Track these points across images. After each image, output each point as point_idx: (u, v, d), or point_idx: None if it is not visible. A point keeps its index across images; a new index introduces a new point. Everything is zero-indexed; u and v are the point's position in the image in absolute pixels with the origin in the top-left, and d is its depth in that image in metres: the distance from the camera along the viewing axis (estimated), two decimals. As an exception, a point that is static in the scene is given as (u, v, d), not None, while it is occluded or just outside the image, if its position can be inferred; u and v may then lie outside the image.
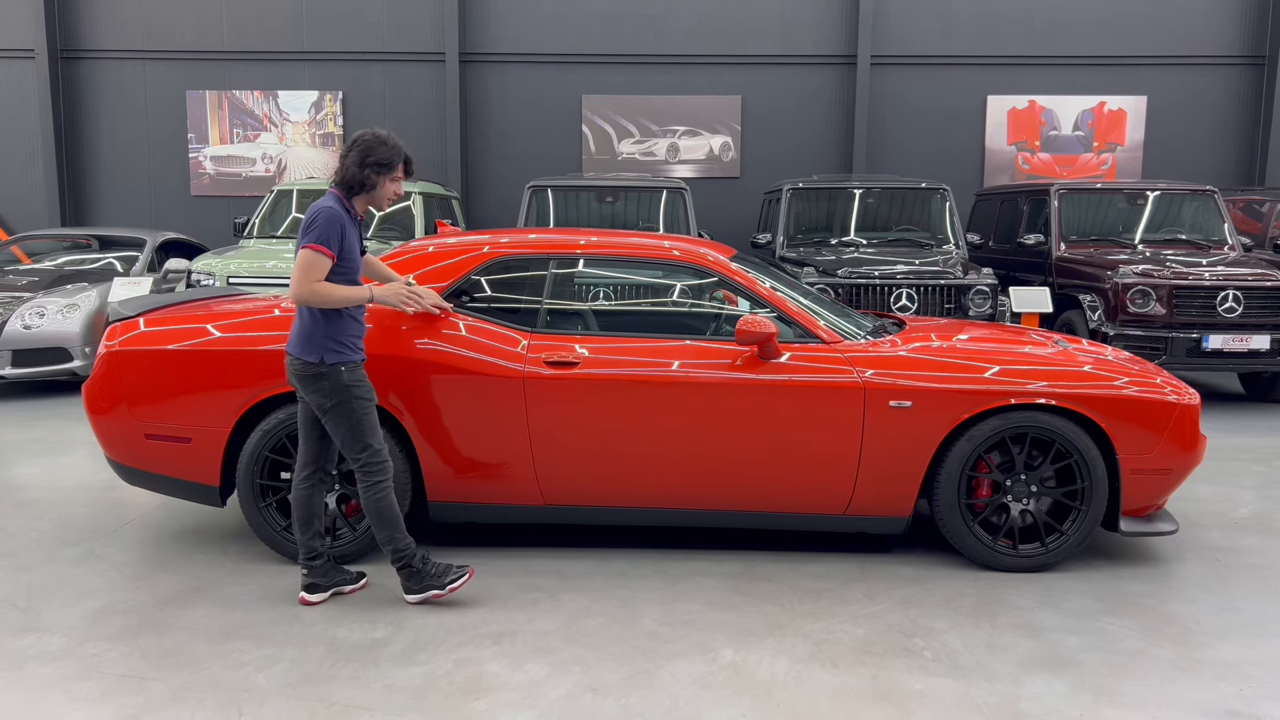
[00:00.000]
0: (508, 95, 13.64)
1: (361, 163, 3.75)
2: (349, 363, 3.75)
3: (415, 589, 3.89)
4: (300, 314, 3.77)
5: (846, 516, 4.39)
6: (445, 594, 3.86)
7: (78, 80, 13.65)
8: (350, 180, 3.77)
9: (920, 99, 13.55)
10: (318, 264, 3.65)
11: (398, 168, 3.83)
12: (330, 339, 3.73)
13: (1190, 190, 9.44)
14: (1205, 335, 7.86)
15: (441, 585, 3.86)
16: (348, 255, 3.75)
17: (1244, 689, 3.28)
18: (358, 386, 3.76)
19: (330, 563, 4.01)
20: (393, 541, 3.85)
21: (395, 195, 3.88)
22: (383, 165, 3.78)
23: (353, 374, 3.76)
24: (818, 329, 4.39)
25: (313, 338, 3.73)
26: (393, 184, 3.84)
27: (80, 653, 3.47)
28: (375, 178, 3.77)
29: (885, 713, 3.10)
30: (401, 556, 3.86)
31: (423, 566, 3.88)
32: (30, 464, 6.14)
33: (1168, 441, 4.28)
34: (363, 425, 3.77)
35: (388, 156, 3.78)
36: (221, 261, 8.59)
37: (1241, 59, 13.40)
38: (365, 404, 3.77)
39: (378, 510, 3.82)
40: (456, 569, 3.89)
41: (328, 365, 3.72)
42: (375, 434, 3.80)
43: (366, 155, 3.75)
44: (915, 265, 8.17)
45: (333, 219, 3.69)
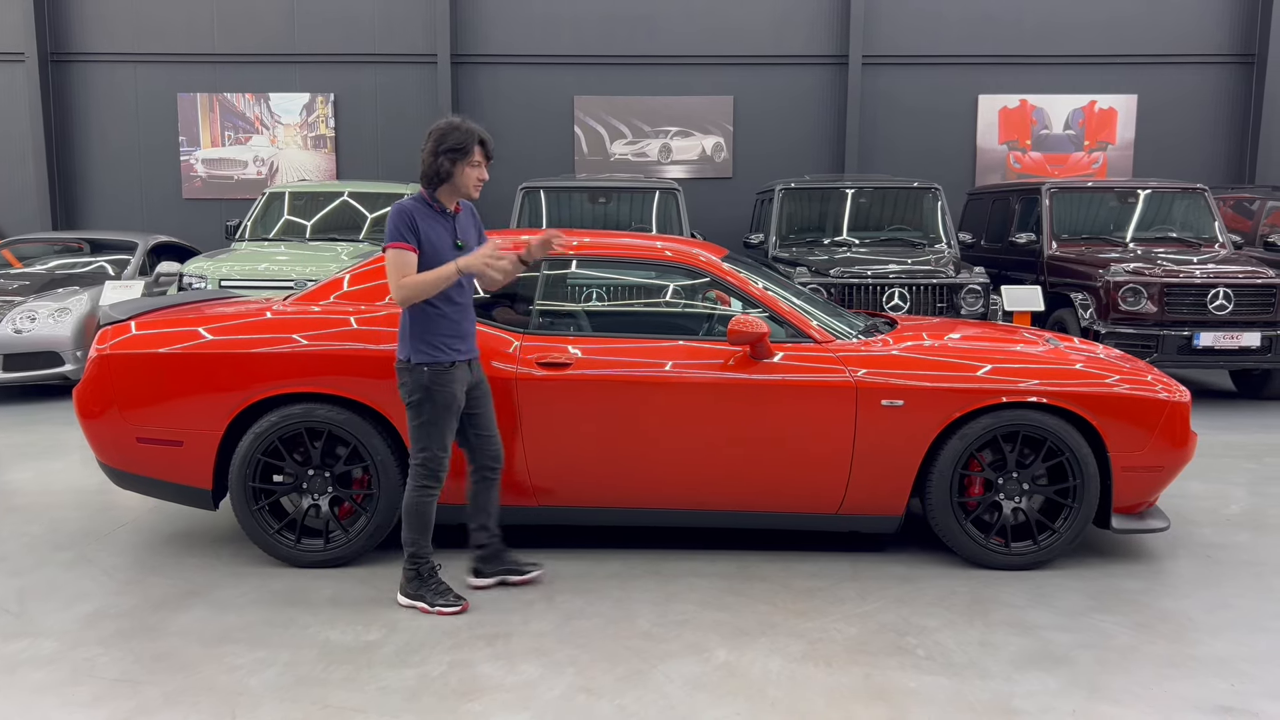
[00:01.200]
0: (500, 96, 13.64)
1: (435, 151, 3.68)
2: (434, 364, 3.72)
3: (409, 593, 3.89)
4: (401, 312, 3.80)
5: (839, 516, 4.40)
6: (430, 612, 3.85)
7: (68, 83, 13.61)
8: (428, 173, 3.71)
9: (912, 98, 13.58)
10: (399, 260, 3.63)
11: (474, 151, 3.72)
12: (418, 338, 3.73)
13: (1181, 189, 9.47)
14: (1196, 333, 7.89)
15: (432, 603, 3.85)
16: (429, 249, 3.68)
17: (1237, 685, 3.29)
18: (438, 389, 3.72)
19: (499, 551, 4.08)
20: (415, 544, 3.85)
21: (480, 180, 3.78)
22: (457, 150, 3.68)
23: (436, 376, 3.72)
24: (810, 329, 4.40)
25: (406, 335, 3.75)
26: (473, 169, 3.73)
27: (73, 657, 3.46)
28: (451, 165, 3.69)
29: (879, 711, 3.11)
30: (415, 562, 3.87)
31: (428, 578, 3.89)
32: (22, 468, 6.12)
33: (1159, 439, 4.30)
34: (432, 427, 3.75)
35: (461, 141, 3.68)
36: (213, 264, 8.57)
37: (1231, 58, 13.45)
38: (441, 409, 3.73)
39: (416, 511, 3.82)
40: (455, 598, 3.88)
41: (413, 364, 3.73)
42: (442, 440, 3.77)
43: (439, 144, 3.68)
44: (907, 265, 8.19)
45: (402, 214, 3.66)
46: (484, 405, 3.96)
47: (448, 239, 3.75)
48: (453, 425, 3.80)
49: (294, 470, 4.33)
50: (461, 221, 3.86)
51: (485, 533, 4.06)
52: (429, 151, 3.70)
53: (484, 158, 3.77)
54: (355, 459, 4.33)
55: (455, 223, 3.82)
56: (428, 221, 3.71)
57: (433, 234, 3.71)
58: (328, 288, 4.56)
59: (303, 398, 4.30)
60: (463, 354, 3.80)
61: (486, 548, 4.08)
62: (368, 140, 13.71)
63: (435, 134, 3.71)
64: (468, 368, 3.84)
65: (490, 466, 4.00)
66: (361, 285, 4.50)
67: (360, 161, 13.73)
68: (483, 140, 3.75)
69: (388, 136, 13.70)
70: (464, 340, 3.81)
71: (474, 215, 3.99)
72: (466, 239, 3.85)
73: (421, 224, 3.69)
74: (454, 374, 3.76)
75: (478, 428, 3.96)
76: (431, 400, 3.73)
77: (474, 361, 3.90)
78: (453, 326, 3.77)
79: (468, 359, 3.83)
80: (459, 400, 3.79)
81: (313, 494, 4.34)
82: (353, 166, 13.74)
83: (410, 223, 3.66)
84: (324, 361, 4.24)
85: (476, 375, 3.93)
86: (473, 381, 3.90)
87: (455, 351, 3.76)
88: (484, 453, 3.98)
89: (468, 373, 3.84)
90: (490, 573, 4.10)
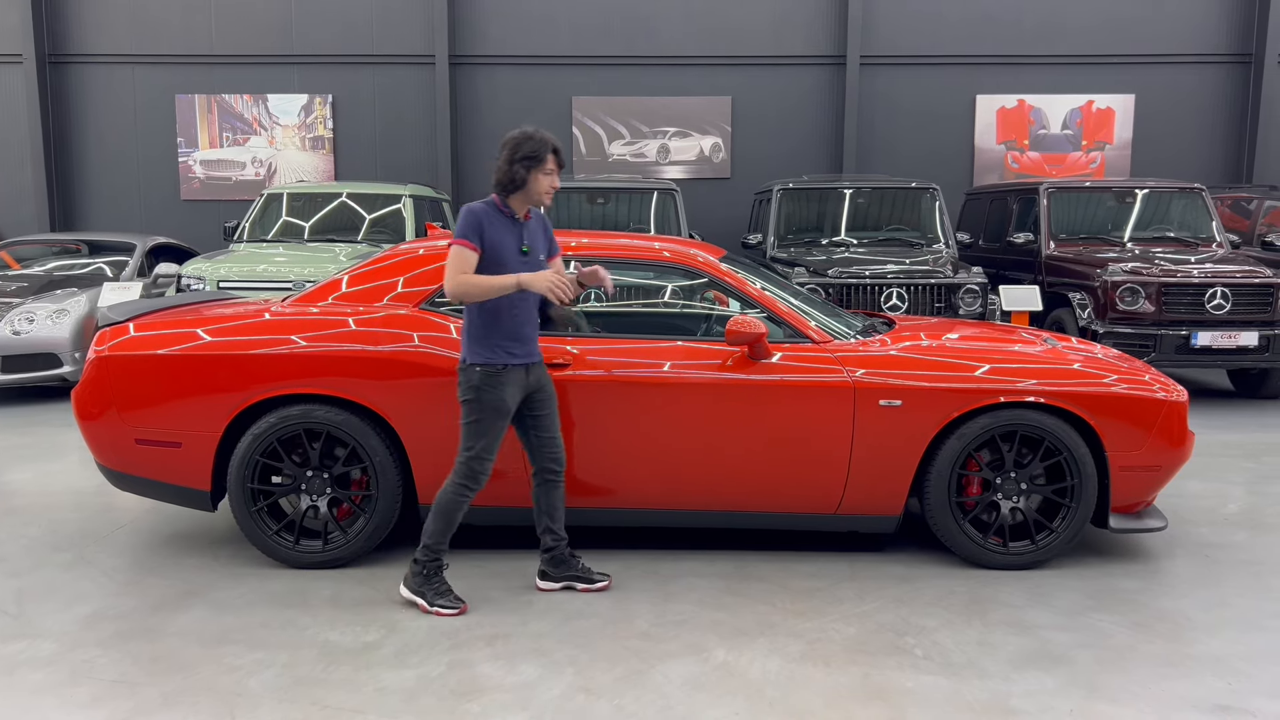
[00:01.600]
0: (498, 97, 13.64)
1: (510, 159, 3.72)
2: (487, 365, 3.73)
3: (412, 587, 3.90)
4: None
5: (837, 516, 4.40)
6: (429, 611, 3.85)
7: (66, 85, 13.61)
8: (503, 179, 3.75)
9: (909, 99, 13.59)
10: (461, 256, 3.67)
11: (547, 159, 3.76)
12: (475, 338, 3.75)
13: (1178, 188, 9.49)
14: (1194, 332, 7.89)
15: (431, 602, 3.86)
16: (493, 252, 3.71)
17: (1234, 684, 3.29)
18: (487, 391, 3.73)
19: (566, 556, 4.06)
20: (434, 540, 3.85)
21: (552, 188, 3.81)
22: (531, 158, 3.73)
23: (488, 378, 3.73)
24: (808, 329, 4.41)
25: (466, 334, 3.78)
26: (546, 177, 3.77)
27: (71, 658, 3.46)
28: (525, 173, 3.73)
29: (877, 711, 3.11)
30: (428, 556, 3.87)
31: (433, 576, 3.89)
32: (20, 470, 6.11)
33: (1156, 438, 4.30)
34: (478, 428, 3.76)
35: (535, 149, 3.73)
36: (211, 266, 8.57)
37: (1228, 57, 13.47)
38: (489, 411, 3.74)
39: (444, 510, 3.83)
40: (454, 600, 3.87)
41: (467, 364, 3.76)
42: (486, 443, 3.77)
43: (515, 151, 3.73)
44: (905, 265, 8.20)
45: (470, 215, 3.70)
46: (546, 409, 3.94)
47: (513, 244, 3.77)
48: (499, 429, 3.79)
49: (292, 471, 4.33)
50: (530, 229, 3.86)
51: (551, 535, 4.05)
52: (504, 159, 3.74)
53: (556, 166, 3.81)
54: (354, 460, 4.33)
55: (524, 229, 3.83)
56: (496, 225, 3.74)
57: (498, 238, 3.73)
58: (326, 289, 4.56)
59: (301, 399, 4.30)
60: (519, 358, 3.79)
61: (553, 551, 4.06)
62: (366, 141, 13.71)
63: (510, 143, 3.76)
64: (525, 372, 3.83)
65: (551, 469, 3.98)
66: (360, 286, 4.50)
67: (359, 162, 13.73)
68: (555, 149, 3.80)
69: (386, 137, 13.70)
70: (522, 344, 3.80)
71: (545, 224, 3.99)
72: (534, 246, 3.86)
73: (489, 227, 3.72)
74: (506, 377, 3.76)
75: (539, 430, 3.95)
76: (480, 401, 3.74)
77: (534, 366, 3.87)
78: (510, 330, 3.77)
79: (524, 364, 3.81)
80: (508, 405, 3.78)
81: (311, 495, 4.34)
82: (351, 167, 13.74)
83: (478, 224, 3.70)
84: (322, 362, 4.24)
85: (537, 380, 3.90)
86: (533, 386, 3.89)
87: (510, 355, 3.77)
88: (544, 455, 3.97)
89: (524, 377, 3.83)
90: (557, 577, 4.08)
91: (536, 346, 3.90)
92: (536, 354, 3.89)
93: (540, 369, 3.93)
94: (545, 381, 3.96)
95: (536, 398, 3.93)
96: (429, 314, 4.38)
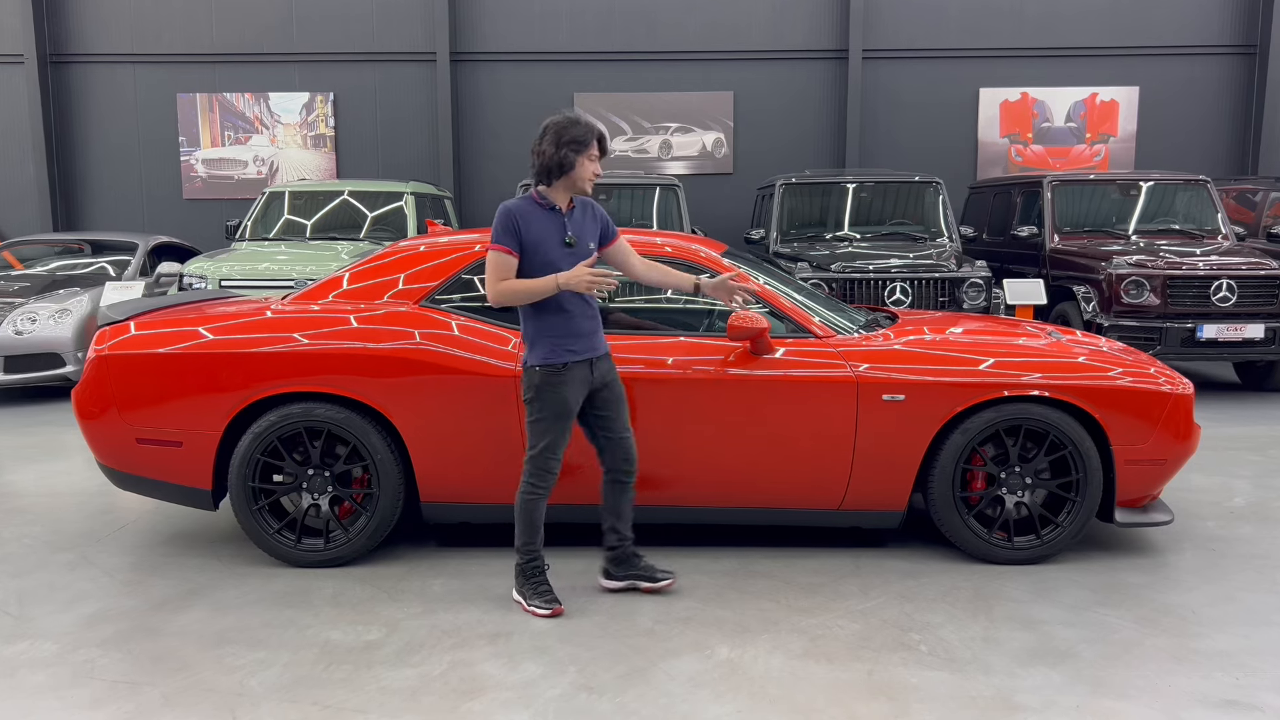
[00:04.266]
0: (499, 94, 13.62)
1: (557, 143, 3.65)
2: (546, 364, 3.69)
3: (516, 588, 3.91)
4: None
5: (841, 511, 4.38)
6: (526, 610, 3.83)
7: (68, 84, 13.61)
8: (549, 164, 3.67)
9: (912, 92, 13.54)
10: (498, 263, 3.63)
11: (592, 145, 3.68)
12: (532, 339, 3.73)
13: (1183, 180, 9.44)
14: (1200, 325, 7.86)
15: (528, 601, 3.85)
16: (534, 249, 3.66)
17: (1241, 679, 3.27)
18: (548, 390, 3.69)
19: (630, 555, 4.03)
20: (521, 541, 3.85)
21: (595, 175, 3.74)
22: (579, 143, 3.66)
23: (548, 377, 3.68)
24: (811, 324, 4.38)
25: (524, 336, 3.77)
26: (590, 163, 3.71)
27: (72, 659, 3.45)
28: (573, 156, 3.66)
29: (881, 707, 3.09)
30: (523, 558, 3.87)
31: (531, 576, 3.87)
32: (23, 470, 6.11)
33: (1162, 432, 4.28)
34: (540, 427, 3.73)
35: (582, 134, 3.66)
36: (214, 264, 8.57)
37: (1232, 48, 13.40)
38: (550, 410, 3.70)
39: (522, 510, 3.82)
40: (548, 601, 3.82)
41: (528, 365, 3.73)
42: (551, 441, 3.74)
43: (561, 135, 3.65)
44: (909, 259, 8.16)
45: (505, 215, 3.65)
46: (612, 408, 3.86)
47: (555, 236, 3.70)
48: (563, 427, 3.75)
49: (294, 470, 4.32)
50: (575, 219, 3.78)
51: (615, 535, 4.00)
52: (550, 144, 3.66)
53: (599, 153, 3.75)
54: (355, 458, 4.32)
55: (567, 220, 3.76)
56: (534, 220, 3.68)
57: (539, 233, 3.67)
58: (326, 286, 4.54)
59: (302, 397, 4.29)
60: (579, 354, 3.73)
61: (616, 550, 4.02)
62: (368, 139, 13.69)
63: (554, 128, 3.67)
64: (588, 368, 3.76)
65: (622, 470, 3.92)
66: (361, 284, 4.49)
67: (360, 160, 13.72)
68: (600, 136, 3.74)
69: (388, 135, 13.68)
70: (580, 340, 3.73)
71: (594, 210, 3.87)
72: (580, 236, 3.77)
73: (525, 224, 3.66)
74: (567, 375, 3.71)
75: (607, 430, 3.88)
76: (541, 400, 3.71)
77: (598, 361, 3.79)
78: (566, 326, 3.71)
79: (587, 359, 3.75)
80: (571, 403, 3.73)
81: (313, 494, 4.33)
82: (353, 165, 13.72)
83: (513, 225, 3.64)
84: (323, 360, 4.23)
85: (602, 376, 3.82)
86: (598, 383, 3.81)
87: (570, 353, 3.71)
88: (615, 455, 3.91)
89: (588, 373, 3.76)
90: (620, 576, 4.04)
91: (598, 340, 3.79)
92: (600, 347, 3.80)
93: (606, 362, 3.84)
94: (612, 378, 3.86)
95: (602, 395, 3.84)
96: (430, 311, 4.37)
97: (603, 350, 3.82)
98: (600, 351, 3.81)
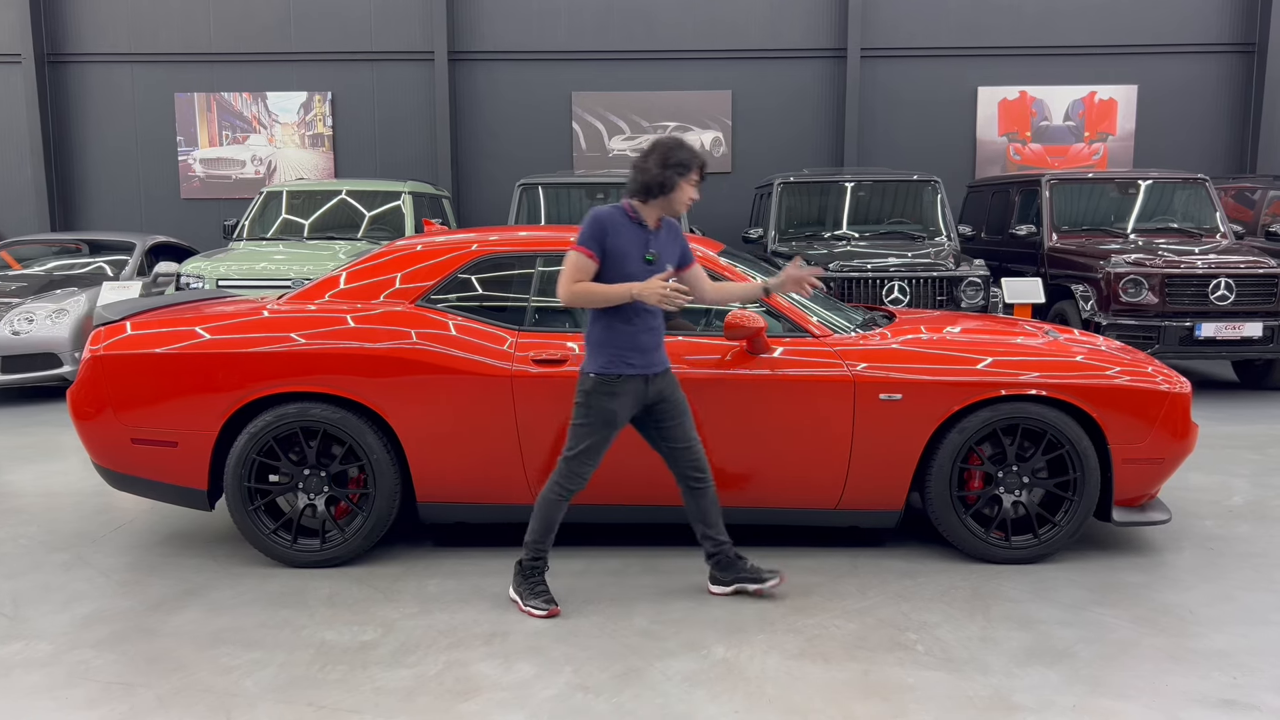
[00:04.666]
0: (497, 93, 13.61)
1: (664, 164, 3.67)
2: (601, 374, 3.69)
3: (514, 586, 3.91)
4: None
5: (838, 511, 4.37)
6: (523, 610, 3.83)
7: (65, 84, 13.59)
8: (650, 183, 3.69)
9: (911, 91, 13.53)
10: (578, 264, 3.64)
11: (694, 170, 3.72)
12: (592, 345, 3.73)
13: (1181, 179, 9.43)
14: (1198, 323, 7.85)
15: (525, 602, 3.84)
16: (615, 259, 3.66)
17: (1238, 678, 3.26)
18: (596, 399, 3.68)
19: (732, 558, 3.99)
20: (532, 538, 3.84)
21: (691, 200, 3.77)
22: (683, 166, 3.69)
23: (600, 385, 3.68)
24: (808, 324, 4.37)
25: (586, 341, 3.77)
26: (690, 188, 3.73)
27: (67, 660, 3.44)
28: (676, 179, 3.69)
29: (876, 707, 3.08)
30: (528, 555, 3.86)
31: (529, 575, 3.87)
32: (20, 470, 6.10)
33: (1159, 431, 4.27)
34: (582, 431, 3.72)
35: (687, 159, 3.70)
36: (211, 264, 8.56)
37: (1231, 47, 13.39)
38: (595, 418, 3.69)
39: (542, 508, 3.82)
40: (545, 602, 3.82)
41: (584, 370, 3.74)
42: (588, 446, 3.72)
43: (668, 157, 3.68)
44: (907, 258, 8.16)
45: (595, 221, 3.66)
46: (673, 419, 3.83)
47: (638, 251, 3.71)
48: (604, 437, 3.73)
49: (289, 470, 4.31)
50: (660, 238, 3.79)
51: (710, 541, 3.97)
52: (655, 163, 3.68)
53: (699, 178, 3.77)
54: (351, 458, 4.31)
55: (652, 237, 3.76)
56: (621, 232, 3.69)
57: (624, 245, 3.68)
58: (323, 286, 4.53)
59: (297, 397, 4.28)
60: (636, 368, 3.71)
61: (716, 555, 3.98)
62: (366, 138, 13.68)
63: (661, 148, 3.70)
64: (644, 383, 3.74)
65: (693, 476, 3.89)
66: (357, 283, 4.48)
67: (358, 160, 13.71)
68: (703, 163, 3.77)
69: (385, 134, 13.67)
70: (641, 354, 3.72)
71: (676, 233, 3.88)
72: (662, 254, 3.77)
73: (613, 234, 3.67)
74: (619, 387, 3.69)
75: (669, 440, 3.85)
76: (589, 407, 3.70)
77: (656, 377, 3.77)
78: (630, 339, 3.71)
79: (644, 374, 3.73)
80: (618, 416, 3.72)
81: (308, 494, 4.32)
82: (351, 165, 13.71)
83: (601, 232, 3.66)
84: (318, 360, 4.22)
85: (659, 392, 3.79)
86: (654, 398, 3.79)
87: (628, 365, 3.70)
88: (682, 463, 3.88)
89: (643, 388, 3.74)
90: (726, 580, 4.00)
91: (659, 356, 3.78)
92: (659, 364, 3.78)
93: (664, 380, 3.81)
94: (670, 392, 3.83)
95: (660, 409, 3.82)
96: (426, 311, 4.36)
97: (661, 367, 3.80)
98: (658, 368, 3.79)
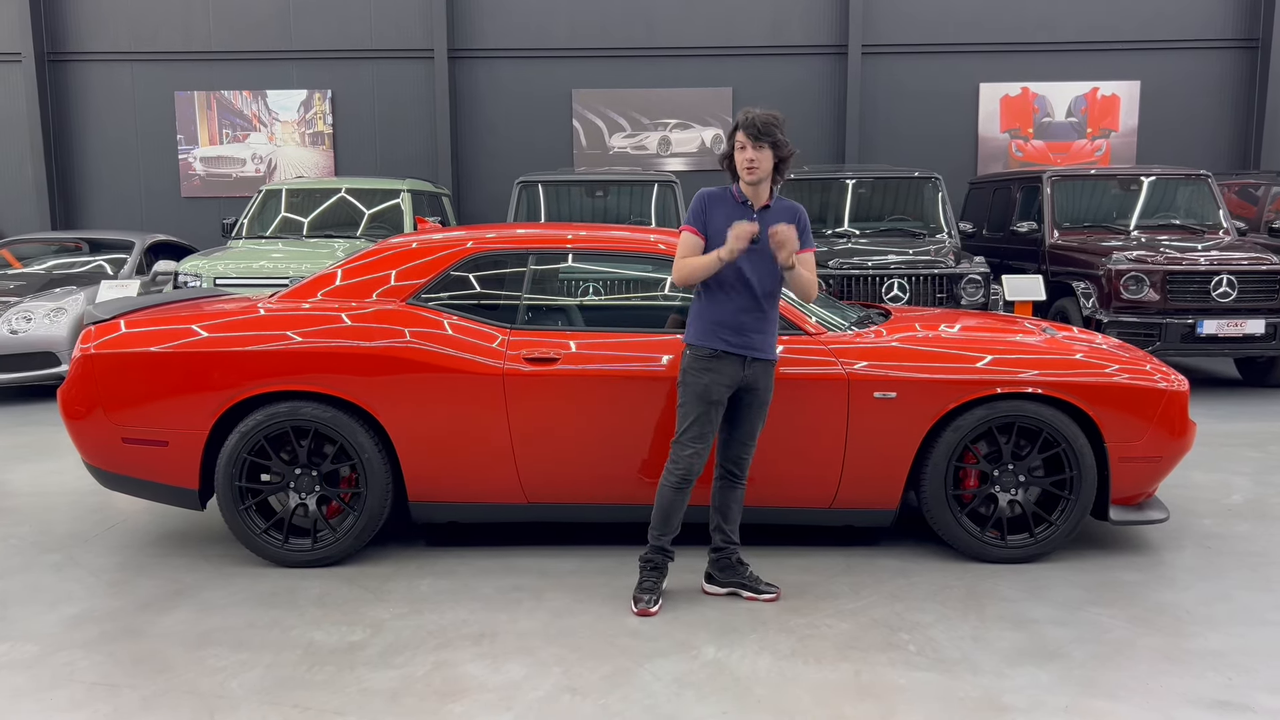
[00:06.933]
0: (498, 91, 13.57)
1: (726, 138, 3.75)
2: (698, 347, 3.69)
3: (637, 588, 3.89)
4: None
5: (832, 510, 4.34)
6: (635, 609, 3.80)
7: (65, 83, 13.58)
8: (723, 158, 3.77)
9: (912, 87, 13.47)
10: (683, 241, 3.71)
11: (737, 135, 3.67)
12: (694, 319, 3.75)
13: (1184, 175, 9.37)
14: (1200, 320, 7.80)
15: (637, 603, 3.82)
16: (717, 237, 3.66)
17: (1234, 679, 3.23)
18: (691, 373, 3.69)
19: (731, 560, 3.97)
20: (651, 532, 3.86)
21: (747, 161, 3.64)
22: (730, 135, 3.71)
23: (697, 359, 3.68)
24: (804, 322, 4.33)
25: (690, 314, 3.80)
26: (740, 152, 3.67)
27: (53, 661, 3.42)
28: (730, 147, 3.73)
29: (867, 709, 3.05)
30: (649, 549, 3.87)
31: (645, 569, 3.88)
32: (15, 470, 6.09)
33: (1157, 429, 4.23)
34: (684, 410, 3.73)
35: (732, 129, 3.70)
36: (208, 263, 8.54)
37: (1234, 42, 13.30)
38: (691, 393, 3.68)
39: (658, 499, 3.82)
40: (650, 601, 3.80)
41: (686, 342, 3.76)
42: (692, 428, 3.70)
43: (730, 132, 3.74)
44: (908, 255, 8.11)
45: (697, 199, 3.76)
46: (750, 412, 3.80)
47: None
48: (705, 416, 3.69)
49: (281, 469, 4.29)
50: (770, 217, 3.71)
51: (720, 535, 3.96)
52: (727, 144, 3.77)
53: (747, 139, 3.66)
54: (342, 457, 4.28)
55: (758, 217, 3.71)
56: (721, 209, 3.73)
57: (723, 222, 3.68)
58: (316, 283, 4.51)
59: (288, 396, 4.25)
60: (733, 347, 3.67)
61: (720, 553, 3.97)
62: (366, 136, 13.65)
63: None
64: (740, 364, 3.69)
65: (733, 470, 3.88)
66: (351, 280, 4.45)
67: (359, 157, 13.68)
68: (739, 124, 3.69)
69: (386, 132, 13.64)
70: (736, 333, 3.68)
71: (792, 215, 3.76)
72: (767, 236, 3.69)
73: (714, 211, 3.72)
74: (714, 364, 3.67)
75: (733, 427, 3.83)
76: (685, 384, 3.72)
77: (753, 361, 3.71)
78: (726, 315, 3.68)
79: (741, 354, 3.68)
80: (713, 393, 3.67)
81: (300, 493, 4.30)
82: (351, 162, 13.69)
83: (702, 208, 3.73)
84: (309, 359, 4.19)
85: (754, 378, 3.74)
86: (748, 383, 3.74)
87: (723, 341, 3.68)
88: (730, 454, 3.87)
89: (739, 369, 3.69)
90: (723, 582, 3.98)
91: (760, 340, 3.72)
92: (759, 350, 3.72)
93: (761, 369, 3.75)
94: (763, 384, 3.77)
95: (745, 398, 3.78)
96: (419, 309, 4.33)
97: (761, 354, 3.73)
98: (758, 354, 3.72)
